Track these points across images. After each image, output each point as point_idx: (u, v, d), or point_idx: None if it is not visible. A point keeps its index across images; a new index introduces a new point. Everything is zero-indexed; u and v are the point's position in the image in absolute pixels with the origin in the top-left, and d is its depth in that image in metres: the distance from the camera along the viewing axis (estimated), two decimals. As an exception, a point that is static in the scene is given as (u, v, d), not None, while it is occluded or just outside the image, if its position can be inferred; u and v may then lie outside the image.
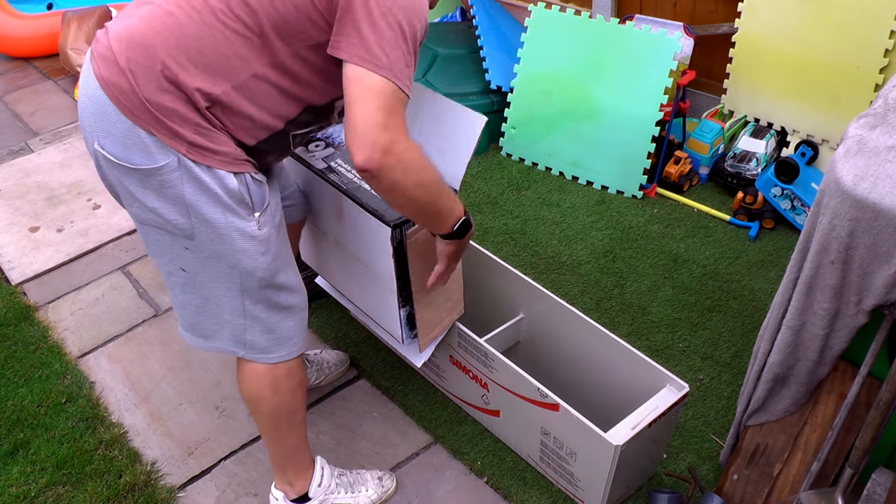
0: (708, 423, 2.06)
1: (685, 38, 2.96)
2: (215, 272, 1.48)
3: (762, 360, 1.64)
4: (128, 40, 1.34)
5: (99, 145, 1.39)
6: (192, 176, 1.37)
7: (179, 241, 1.45)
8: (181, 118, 1.34)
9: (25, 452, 2.05)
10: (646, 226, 2.77)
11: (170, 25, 1.33)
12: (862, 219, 1.31)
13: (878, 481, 1.41)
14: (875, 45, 2.53)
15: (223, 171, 1.38)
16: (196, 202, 1.39)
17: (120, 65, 1.33)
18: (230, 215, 1.41)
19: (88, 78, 1.38)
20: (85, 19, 3.91)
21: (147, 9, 1.37)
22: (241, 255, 1.45)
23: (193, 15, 1.34)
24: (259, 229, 1.45)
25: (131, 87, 1.32)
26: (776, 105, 2.85)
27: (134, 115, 1.33)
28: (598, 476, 1.71)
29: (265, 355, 1.59)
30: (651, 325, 2.36)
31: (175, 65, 1.31)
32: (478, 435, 2.05)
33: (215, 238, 1.43)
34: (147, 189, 1.39)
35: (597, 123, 2.95)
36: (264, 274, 1.49)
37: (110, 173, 1.44)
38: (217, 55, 1.34)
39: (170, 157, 1.35)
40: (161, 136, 1.33)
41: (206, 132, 1.36)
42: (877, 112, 1.44)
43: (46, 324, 2.48)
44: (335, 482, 1.84)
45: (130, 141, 1.35)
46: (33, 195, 3.10)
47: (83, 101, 1.40)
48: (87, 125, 1.42)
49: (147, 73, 1.32)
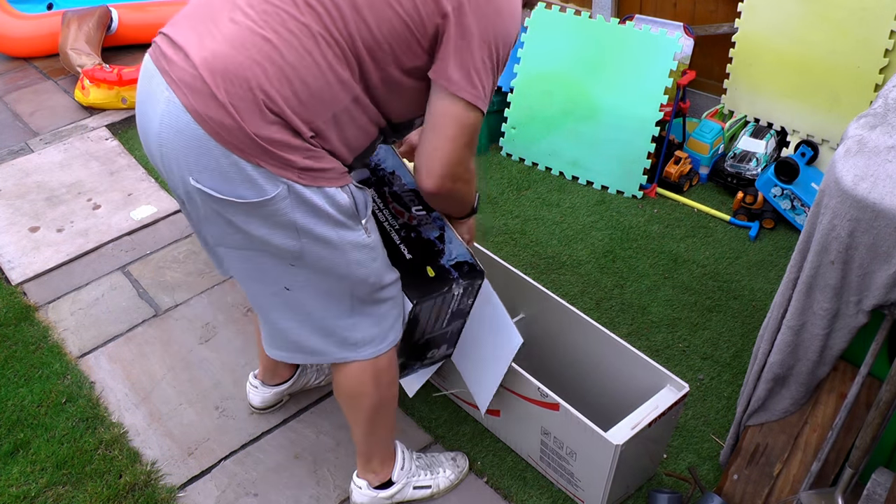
0: (708, 423, 2.06)
1: (685, 38, 2.96)
2: (325, 285, 1.47)
3: (762, 360, 1.64)
4: (222, 71, 1.27)
5: (195, 181, 1.33)
6: (302, 200, 1.34)
7: (285, 259, 1.42)
8: (290, 147, 1.31)
9: (25, 452, 2.05)
10: (646, 226, 2.77)
11: (268, 53, 1.28)
12: (862, 219, 1.31)
13: (878, 481, 1.41)
14: (875, 45, 2.53)
15: (333, 189, 1.37)
16: (306, 224, 1.37)
17: (219, 98, 1.27)
18: (342, 230, 1.41)
19: (174, 108, 1.30)
20: (85, 19, 3.91)
21: (233, 30, 1.29)
22: (355, 267, 1.45)
23: (292, 41, 1.29)
24: (368, 237, 1.46)
25: (236, 124, 1.27)
26: (776, 105, 2.85)
27: (240, 150, 1.29)
28: (598, 476, 1.72)
29: (373, 349, 1.59)
30: (651, 325, 2.36)
31: (279, 97, 1.28)
32: (478, 435, 2.05)
33: (328, 255, 1.42)
34: (253, 218, 1.36)
35: (597, 123, 2.95)
36: (376, 279, 1.51)
37: (206, 207, 1.38)
38: (320, 84, 1.31)
39: (279, 186, 1.32)
40: (270, 167, 1.30)
41: (313, 154, 1.34)
42: (877, 112, 1.44)
43: (46, 324, 2.48)
44: (415, 465, 1.89)
45: (235, 175, 1.30)
46: (33, 195, 3.10)
47: (169, 133, 1.32)
48: (175, 160, 1.34)
49: (249, 106, 1.27)
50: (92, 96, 3.60)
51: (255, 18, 1.30)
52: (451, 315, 1.71)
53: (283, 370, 2.07)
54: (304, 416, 2.15)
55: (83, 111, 3.68)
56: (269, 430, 2.12)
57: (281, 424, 2.13)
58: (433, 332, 1.73)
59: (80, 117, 3.63)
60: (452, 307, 1.69)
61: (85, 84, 3.60)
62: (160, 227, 2.90)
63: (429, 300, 1.62)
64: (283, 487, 1.97)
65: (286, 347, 1.59)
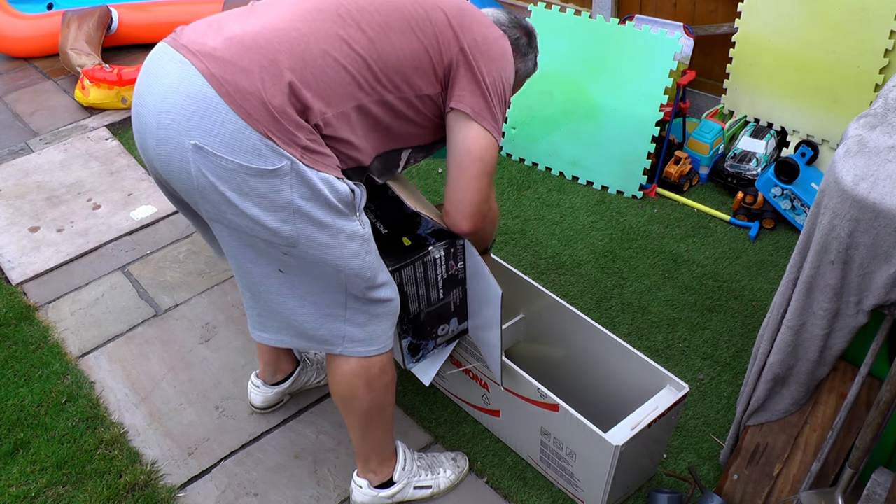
0: (708, 423, 2.06)
1: (685, 38, 2.96)
2: (318, 275, 1.47)
3: (762, 360, 1.64)
4: (249, 43, 1.33)
5: (196, 142, 1.31)
6: (303, 180, 1.35)
7: (278, 247, 1.42)
8: (297, 125, 1.33)
9: (25, 452, 2.05)
10: (646, 226, 2.77)
11: (296, 39, 1.36)
12: (862, 219, 1.31)
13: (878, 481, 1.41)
14: (875, 45, 2.53)
15: (332, 176, 1.38)
16: (303, 206, 1.37)
17: (240, 65, 1.31)
18: (338, 218, 1.41)
19: (187, 74, 1.31)
20: (85, 19, 3.91)
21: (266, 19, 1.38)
22: (349, 258, 1.45)
23: (319, 36, 1.37)
24: (363, 228, 1.47)
25: (255, 88, 1.30)
26: (776, 105, 2.85)
27: (250, 116, 1.30)
28: (597, 476, 1.72)
29: (363, 348, 1.58)
30: (651, 325, 2.36)
31: (298, 75, 1.33)
32: (478, 435, 2.06)
33: (322, 241, 1.41)
34: (247, 194, 1.34)
35: (597, 123, 2.95)
36: (371, 273, 1.50)
37: (202, 177, 1.34)
38: (337, 79, 1.37)
39: (283, 161, 1.32)
40: (276, 139, 1.31)
41: (316, 139, 1.37)
42: (877, 112, 1.44)
43: (46, 324, 2.48)
44: (416, 465, 1.89)
45: (238, 142, 1.30)
46: (33, 195, 3.10)
47: (174, 97, 1.31)
48: (175, 124, 1.32)
49: (270, 76, 1.31)
50: (92, 96, 3.60)
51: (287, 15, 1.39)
52: (443, 283, 1.69)
53: (284, 364, 2.07)
54: (304, 416, 2.15)
55: (83, 111, 3.68)
56: (269, 430, 2.12)
57: (281, 424, 2.13)
58: (431, 304, 1.71)
59: (80, 117, 3.63)
60: (441, 273, 1.68)
61: (85, 84, 3.60)
62: (160, 227, 2.90)
63: (407, 266, 1.61)
64: (283, 487, 1.97)
65: (274, 328, 1.57)
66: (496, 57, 1.51)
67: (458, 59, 1.47)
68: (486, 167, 1.50)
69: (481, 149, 1.49)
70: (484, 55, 1.49)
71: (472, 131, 1.49)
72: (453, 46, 1.47)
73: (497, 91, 1.50)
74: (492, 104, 1.49)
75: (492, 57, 1.50)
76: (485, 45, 1.50)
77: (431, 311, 1.73)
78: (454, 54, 1.47)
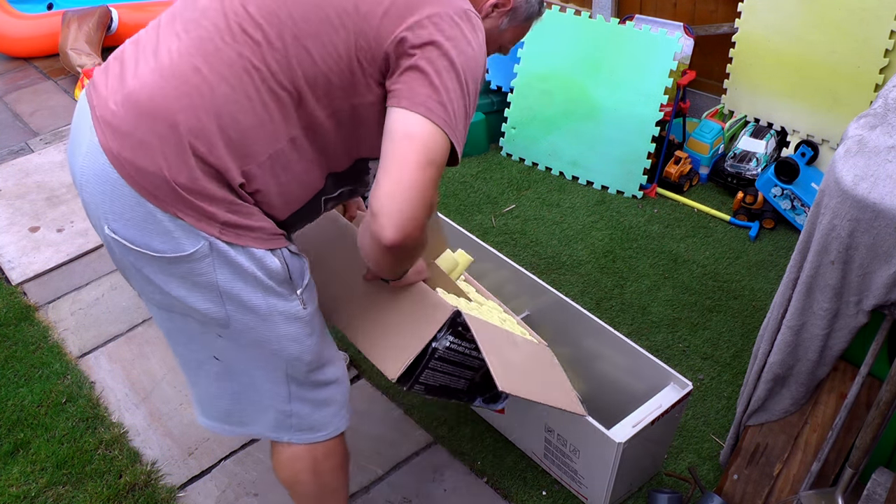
0: (708, 423, 2.06)
1: (685, 38, 2.96)
2: (255, 359, 1.32)
3: (762, 360, 1.64)
4: (146, 105, 1.14)
5: (110, 230, 1.20)
6: (226, 260, 1.20)
7: (211, 328, 1.28)
8: (211, 198, 1.16)
9: (25, 452, 2.05)
10: (646, 226, 2.77)
11: (197, 85, 1.15)
12: (862, 219, 1.31)
13: (878, 481, 1.41)
14: (875, 45, 2.53)
15: (261, 251, 1.22)
16: (232, 289, 1.22)
17: (136, 137, 1.14)
18: (272, 298, 1.26)
19: (93, 149, 1.17)
20: (85, 19, 3.91)
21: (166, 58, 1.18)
22: (287, 342, 1.30)
23: (224, 72, 1.15)
24: (304, 308, 1.30)
25: (156, 167, 1.13)
26: (776, 105, 2.85)
27: (156, 199, 1.15)
28: (601, 473, 1.72)
29: (312, 435, 1.44)
30: (651, 325, 2.36)
31: (205, 137, 1.14)
32: (478, 435, 2.05)
33: (256, 325, 1.27)
34: (170, 276, 1.22)
35: (597, 123, 2.95)
36: (312, 357, 1.35)
37: (125, 259, 1.24)
38: (253, 122, 1.17)
39: (199, 242, 1.18)
40: (189, 219, 1.16)
41: (239, 209, 1.19)
42: (877, 112, 1.44)
43: (46, 324, 2.48)
44: None
45: (149, 226, 1.17)
46: (33, 195, 3.10)
47: (86, 175, 1.19)
48: (92, 204, 1.21)
49: (171, 148, 1.14)
50: (92, 96, 3.60)
51: (188, 45, 1.18)
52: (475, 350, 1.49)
53: None
54: (304, 416, 2.15)
55: (83, 111, 3.68)
56: (269, 430, 2.12)
57: (281, 424, 2.13)
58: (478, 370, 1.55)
59: (80, 117, 3.63)
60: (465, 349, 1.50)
61: (85, 84, 3.60)
62: (160, 227, 2.90)
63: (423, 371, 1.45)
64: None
65: (217, 417, 1.44)
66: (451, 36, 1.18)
67: (394, 52, 1.17)
68: (430, 156, 1.15)
69: (425, 134, 1.15)
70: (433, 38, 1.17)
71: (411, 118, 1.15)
72: (386, 39, 1.17)
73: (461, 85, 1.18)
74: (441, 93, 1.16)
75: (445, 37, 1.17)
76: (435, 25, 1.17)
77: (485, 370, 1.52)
78: (389, 48, 1.17)
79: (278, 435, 1.44)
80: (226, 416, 1.43)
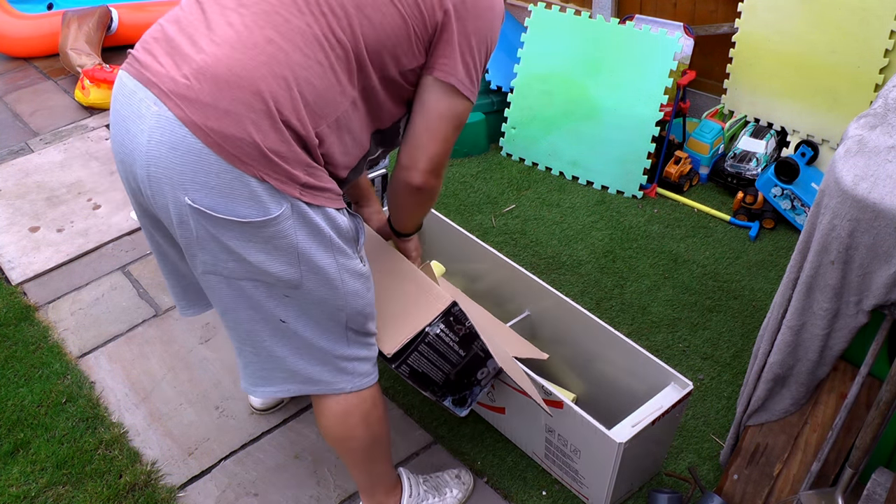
0: (708, 423, 2.06)
1: (685, 38, 2.96)
2: (319, 315, 1.40)
3: (762, 360, 1.64)
4: (225, 76, 1.19)
5: (191, 200, 1.22)
6: (305, 221, 1.27)
7: (279, 290, 1.34)
8: (295, 160, 1.24)
9: (25, 452, 2.05)
10: (646, 226, 2.77)
11: (273, 55, 1.21)
12: (862, 219, 1.31)
13: (878, 481, 1.41)
14: (875, 45, 2.53)
15: (333, 210, 1.31)
16: (308, 249, 1.30)
17: (221, 107, 1.18)
18: (341, 257, 1.35)
19: (165, 122, 1.20)
20: (85, 19, 3.91)
21: (230, 32, 1.22)
22: (352, 297, 1.40)
23: (297, 41, 1.23)
24: (364, 265, 1.42)
25: (245, 133, 1.19)
26: (776, 105, 2.85)
27: (244, 163, 1.20)
28: (601, 473, 1.72)
29: (365, 379, 1.52)
30: (651, 325, 2.36)
31: (288, 102, 1.21)
32: (478, 435, 2.05)
33: (325, 283, 1.35)
34: (252, 242, 1.27)
35: (597, 123, 2.95)
36: (371, 309, 1.46)
37: (200, 230, 1.27)
38: (325, 86, 1.26)
39: (283, 204, 1.24)
40: (274, 181, 1.22)
41: (313, 171, 1.28)
42: (877, 112, 1.44)
43: (46, 324, 2.48)
44: (423, 489, 1.82)
45: (236, 191, 1.22)
46: (33, 195, 3.10)
47: (160, 149, 1.21)
48: (167, 179, 1.23)
49: (257, 113, 1.19)
50: (92, 96, 3.60)
51: (255, 18, 1.23)
52: (459, 345, 1.64)
53: None
54: (304, 416, 2.14)
55: (83, 111, 3.68)
56: (269, 429, 2.12)
57: (281, 424, 2.13)
58: (456, 365, 1.66)
59: (80, 117, 3.63)
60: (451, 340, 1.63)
61: (85, 84, 3.61)
62: (160, 227, 2.90)
63: (411, 353, 1.58)
64: (283, 487, 1.97)
65: (279, 379, 1.49)
66: (483, 12, 1.38)
67: (443, 23, 1.34)
68: (456, 131, 1.43)
69: (458, 115, 1.42)
70: (471, 13, 1.36)
71: (451, 100, 1.40)
72: (437, 10, 1.33)
73: (480, 52, 1.39)
74: (471, 68, 1.38)
75: (479, 13, 1.37)
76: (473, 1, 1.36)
77: (460, 369, 1.68)
78: (439, 19, 1.34)
79: (342, 386, 1.50)
80: (291, 377, 1.48)
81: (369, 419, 1.57)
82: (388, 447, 1.70)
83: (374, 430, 1.59)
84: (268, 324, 1.40)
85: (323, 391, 1.51)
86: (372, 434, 1.60)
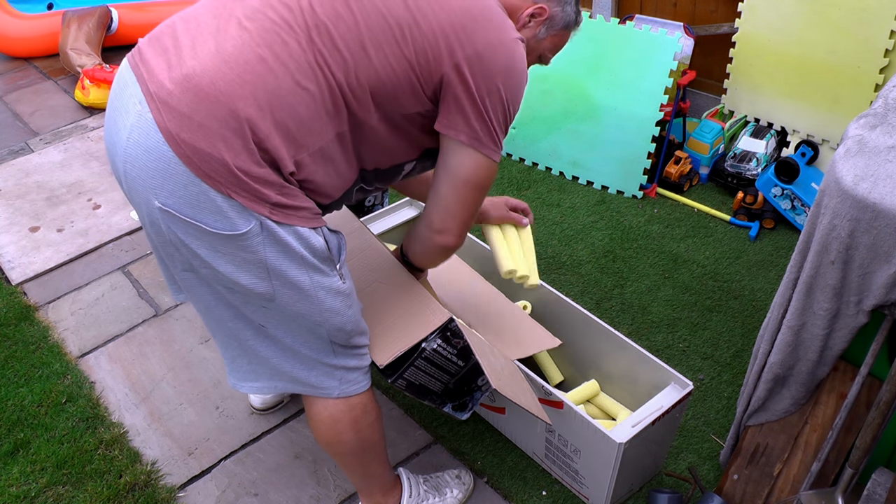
0: (708, 423, 2.06)
1: (685, 38, 2.96)
2: (298, 328, 1.39)
3: (762, 360, 1.64)
4: (207, 89, 1.17)
5: (161, 203, 1.22)
6: (275, 239, 1.26)
7: (255, 300, 1.34)
8: (265, 181, 1.21)
9: (25, 452, 2.05)
10: (646, 226, 2.77)
11: (262, 75, 1.19)
12: (862, 219, 1.31)
13: (878, 481, 1.41)
14: (875, 45, 2.53)
15: (306, 229, 1.29)
16: (279, 266, 1.28)
17: (196, 120, 1.16)
18: (315, 275, 1.33)
19: (144, 124, 1.19)
20: (85, 19, 3.91)
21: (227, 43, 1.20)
22: (330, 314, 1.38)
23: (290, 65, 1.21)
24: (343, 283, 1.38)
25: (215, 149, 1.17)
26: (776, 105, 2.85)
27: (211, 179, 1.18)
28: (602, 474, 1.72)
29: (355, 386, 1.51)
30: (651, 325, 2.36)
31: (264, 125, 1.19)
32: (478, 435, 2.05)
33: (300, 299, 1.33)
34: (220, 253, 1.26)
35: (597, 123, 2.95)
36: (353, 326, 1.44)
37: (172, 233, 1.26)
38: (310, 115, 1.23)
39: (251, 221, 1.23)
40: (242, 199, 1.20)
41: (287, 191, 1.25)
42: (877, 112, 1.44)
43: (46, 324, 2.48)
44: (423, 489, 1.81)
45: (203, 205, 1.21)
46: (33, 195, 3.10)
47: (137, 150, 1.21)
48: (139, 179, 1.23)
49: (231, 133, 1.17)
50: (92, 96, 3.60)
51: (254, 34, 1.21)
52: (457, 357, 1.62)
53: None
54: (304, 416, 2.14)
55: (83, 111, 3.68)
56: (269, 429, 2.12)
57: (281, 424, 2.13)
58: (455, 375, 1.65)
59: (80, 117, 3.63)
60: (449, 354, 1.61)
61: (85, 84, 3.61)
62: (160, 227, 2.90)
63: (407, 368, 1.56)
64: (283, 487, 1.97)
65: (266, 375, 1.49)
66: (501, 69, 1.31)
67: (451, 76, 1.29)
68: (484, 191, 1.43)
69: (481, 177, 1.38)
70: (486, 69, 1.29)
71: (470, 160, 1.35)
72: (445, 62, 1.28)
73: (498, 109, 1.33)
74: (491, 125, 1.33)
75: (496, 70, 1.30)
76: (489, 56, 1.30)
77: (459, 378, 1.65)
78: (446, 71, 1.29)
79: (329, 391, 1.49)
80: (277, 374, 1.48)
81: (359, 425, 1.55)
82: (383, 450, 1.68)
83: (365, 435, 1.58)
84: (250, 325, 1.40)
85: (311, 393, 1.51)
86: (362, 439, 1.58)
